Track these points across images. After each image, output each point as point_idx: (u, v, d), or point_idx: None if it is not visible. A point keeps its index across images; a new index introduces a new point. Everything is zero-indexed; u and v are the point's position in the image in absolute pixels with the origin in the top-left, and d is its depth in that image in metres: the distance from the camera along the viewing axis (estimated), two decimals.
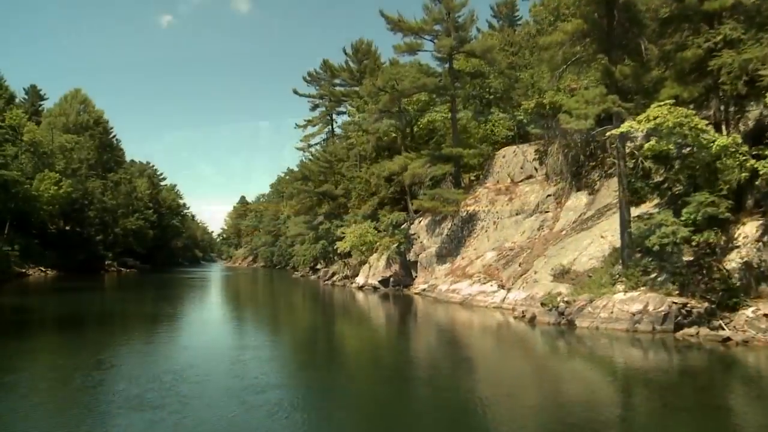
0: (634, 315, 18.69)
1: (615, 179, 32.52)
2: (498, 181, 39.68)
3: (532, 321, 21.65)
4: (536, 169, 37.58)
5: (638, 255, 20.53)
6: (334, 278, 51.51)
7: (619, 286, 19.96)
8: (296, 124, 72.74)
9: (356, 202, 49.80)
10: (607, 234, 25.74)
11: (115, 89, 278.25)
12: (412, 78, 39.15)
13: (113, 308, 31.81)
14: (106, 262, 72.56)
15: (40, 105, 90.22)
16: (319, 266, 66.68)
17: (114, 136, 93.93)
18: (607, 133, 20.07)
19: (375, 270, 43.21)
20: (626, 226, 20.45)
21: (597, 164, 34.11)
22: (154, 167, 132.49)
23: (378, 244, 42.99)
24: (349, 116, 59.91)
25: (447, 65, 41.08)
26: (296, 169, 68.01)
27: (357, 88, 58.88)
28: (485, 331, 22.79)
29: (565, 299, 20.89)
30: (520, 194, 36.42)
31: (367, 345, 21.04)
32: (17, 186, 54.35)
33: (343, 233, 47.43)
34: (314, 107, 70.49)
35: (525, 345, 19.49)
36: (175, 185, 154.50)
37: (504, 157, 40.28)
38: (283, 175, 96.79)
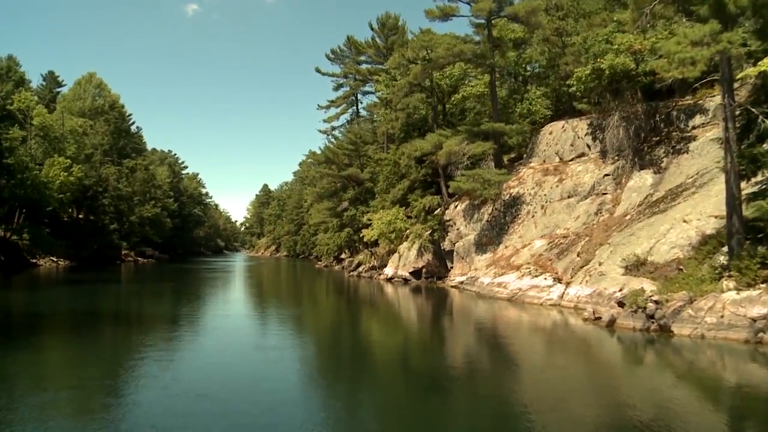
0: (755, 321, 14.33)
1: (685, 156, 28.17)
2: (544, 161, 35.27)
3: (610, 325, 17.32)
4: (589, 147, 33.09)
5: (748, 242, 16.13)
6: (360, 269, 47.64)
7: (728, 283, 15.58)
8: (318, 105, 68.72)
9: (384, 186, 45.67)
10: (691, 218, 21.34)
11: (137, 78, 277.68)
12: (447, 45, 34.76)
13: (121, 305, 28.21)
14: (123, 252, 69.70)
15: (58, 91, 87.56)
16: (343, 256, 62.96)
17: (132, 122, 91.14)
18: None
19: (405, 260, 39.17)
20: (735, 206, 15.97)
21: (662, 139, 29.62)
22: (176, 155, 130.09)
23: (408, 231, 38.90)
24: (375, 93, 55.68)
25: (486, 31, 36.58)
26: (319, 151, 63.84)
27: (383, 66, 54.74)
28: (547, 336, 18.47)
29: (653, 298, 16.56)
30: (571, 174, 31.99)
31: (402, 350, 17.07)
32: (26, 172, 51.30)
33: (370, 220, 43.44)
34: (338, 87, 66.40)
35: (605, 358, 15.16)
36: (197, 174, 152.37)
37: (551, 133, 35.79)
38: (305, 158, 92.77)
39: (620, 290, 20.41)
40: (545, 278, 25.37)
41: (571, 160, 33.51)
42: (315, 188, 69.49)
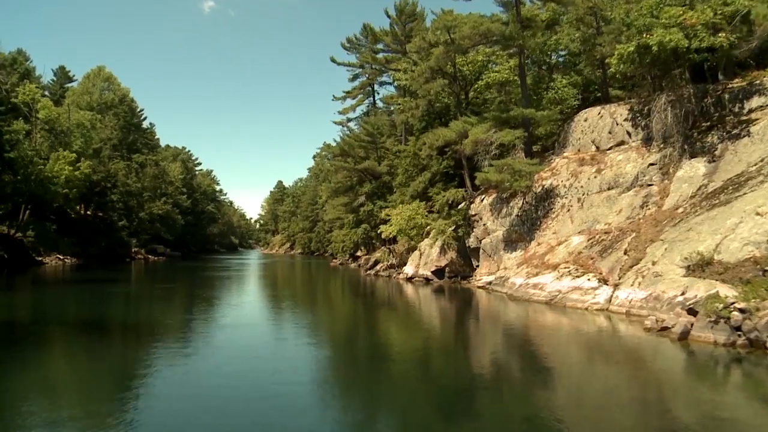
0: None
1: (744, 141, 25.07)
2: (579, 150, 32.36)
3: (683, 337, 14.43)
4: (629, 134, 30.14)
5: None
6: (378, 267, 44.97)
7: None
8: (333, 95, 66.02)
9: (403, 179, 42.95)
10: (766, 209, 18.41)
11: (152, 75, 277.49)
12: (473, 23, 31.96)
13: (122, 308, 25.83)
14: (133, 250, 67.68)
15: (69, 86, 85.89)
16: (359, 253, 60.39)
17: (144, 118, 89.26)
18: None
19: (427, 258, 36.46)
20: None
21: (713, 124, 26.61)
22: (189, 152, 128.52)
23: (430, 227, 36.17)
24: (393, 83, 52.93)
25: (514, 10, 33.70)
26: (334, 144, 61.01)
27: (401, 54, 52.04)
28: (601, 350, 15.42)
29: (738, 306, 13.69)
30: (610, 164, 29.06)
31: (427, 359, 14.43)
32: (31, 167, 49.25)
33: (388, 216, 40.75)
34: (354, 77, 63.75)
35: (682, 382, 12.23)
36: (212, 170, 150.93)
37: (586, 120, 32.84)
38: (319, 150, 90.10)
39: (682, 294, 17.61)
40: (588, 279, 22.51)
41: (610, 148, 30.58)
42: (330, 183, 66.92)
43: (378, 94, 64.74)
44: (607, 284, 21.72)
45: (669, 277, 18.85)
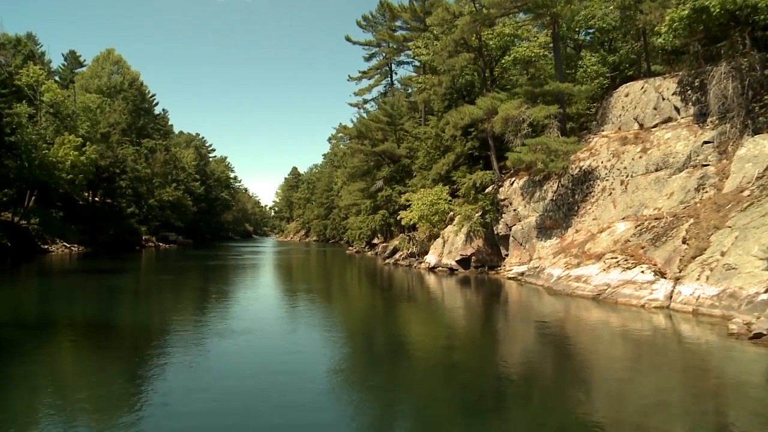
0: None
1: None
2: (620, 128, 29.49)
3: None
4: (677, 109, 27.19)
5: None
6: (397, 256, 42.41)
7: None
8: (349, 76, 63.11)
9: (424, 162, 40.21)
10: None
11: (167, 61, 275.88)
12: None
13: (118, 308, 23.52)
14: (144, 237, 65.68)
15: (79, 71, 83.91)
16: (375, 241, 57.89)
17: (156, 103, 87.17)
18: None
19: (451, 246, 33.83)
20: None
21: None
22: (203, 138, 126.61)
23: (455, 213, 33.50)
24: (412, 62, 50.06)
25: None
26: (351, 125, 58.11)
27: (420, 33, 49.04)
28: (675, 361, 12.77)
29: None
30: (657, 143, 26.16)
31: (458, 362, 11.88)
32: (35, 151, 47.14)
33: (408, 201, 38.12)
34: (370, 57, 60.67)
35: None
36: (226, 157, 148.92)
37: (627, 95, 29.93)
38: (335, 132, 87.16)
39: (767, 291, 14.87)
40: (642, 271, 19.73)
41: (655, 126, 27.67)
42: (346, 168, 64.25)
43: (395, 74, 61.92)
44: (665, 277, 18.96)
45: (746, 271, 16.06)
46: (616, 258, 21.64)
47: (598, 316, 18.05)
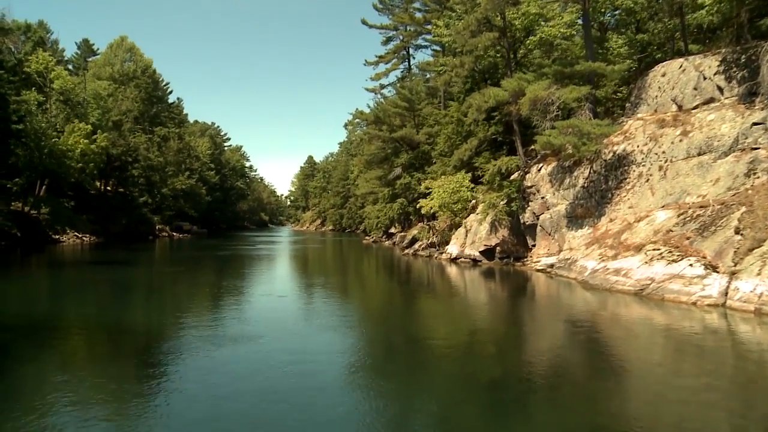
0: None
1: None
2: (656, 110, 27.52)
3: None
4: (721, 89, 25.18)
5: None
6: (416, 246, 40.81)
7: None
8: (366, 60, 61.20)
9: (445, 148, 38.45)
10: None
11: (183, 51, 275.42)
12: None
13: (123, 306, 22.23)
14: (157, 227, 64.65)
15: (92, 60, 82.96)
16: (393, 230, 56.33)
17: (170, 92, 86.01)
18: None
19: (474, 236, 32.16)
20: None
21: None
22: (218, 127, 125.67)
23: (479, 200, 31.80)
24: (433, 42, 48.04)
25: None
26: (368, 110, 56.25)
27: (440, 14, 47.04)
28: (747, 374, 10.91)
29: None
30: (699, 125, 24.20)
31: (485, 361, 10.32)
32: (44, 139, 46.06)
33: (428, 188, 36.44)
34: (387, 40, 58.75)
35: None
36: (241, 146, 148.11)
37: (664, 75, 27.89)
38: (351, 118, 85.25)
39: None
40: (690, 264, 17.93)
41: (695, 107, 25.68)
42: (362, 155, 62.52)
43: (413, 58, 60.05)
44: (718, 272, 17.17)
45: None
46: (658, 249, 19.85)
47: (642, 314, 16.31)
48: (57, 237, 48.65)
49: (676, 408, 8.52)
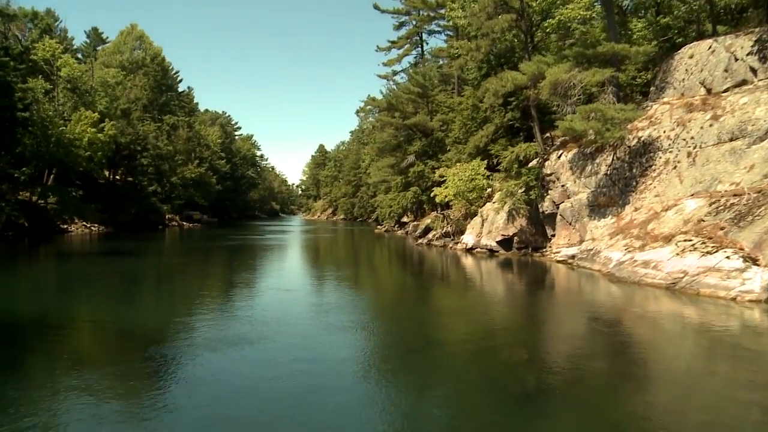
0: None
1: None
2: (683, 94, 26.24)
3: None
4: (754, 71, 23.89)
5: None
6: (430, 236, 39.83)
7: None
8: (378, 46, 59.96)
9: (460, 134, 37.33)
10: None
11: (194, 39, 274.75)
12: None
13: (138, 298, 21.44)
14: (167, 217, 64.05)
15: (102, 48, 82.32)
16: (405, 219, 55.35)
17: (180, 80, 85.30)
18: None
19: (491, 226, 31.10)
20: None
21: None
22: (229, 116, 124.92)
23: (496, 188, 30.72)
24: (447, 24, 46.67)
25: None
26: (380, 97, 55.03)
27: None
28: None
29: None
30: (731, 109, 22.90)
31: (504, 359, 9.34)
32: (51, 127, 45.42)
33: (443, 176, 35.39)
34: (399, 26, 57.46)
35: None
36: (252, 135, 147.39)
37: (691, 57, 26.59)
38: (362, 105, 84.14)
39: None
40: (727, 257, 16.79)
41: (726, 90, 24.38)
42: (374, 143, 61.40)
43: (426, 44, 58.69)
44: (758, 265, 16.04)
45: None
46: (690, 240, 18.71)
47: (677, 310, 15.24)
48: (65, 227, 48.13)
49: (710, 416, 7.48)
